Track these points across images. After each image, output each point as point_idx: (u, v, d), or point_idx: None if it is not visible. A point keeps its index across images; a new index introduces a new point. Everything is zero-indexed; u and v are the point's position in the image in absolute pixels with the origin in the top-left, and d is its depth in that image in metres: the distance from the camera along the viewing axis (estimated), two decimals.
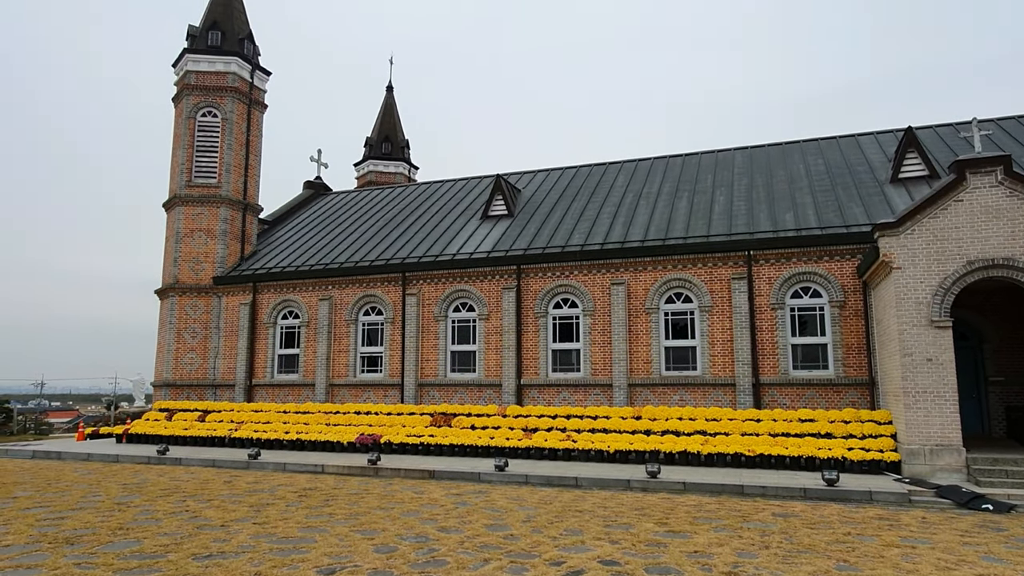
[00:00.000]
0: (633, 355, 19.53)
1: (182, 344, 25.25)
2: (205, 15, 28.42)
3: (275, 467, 15.44)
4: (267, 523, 8.96)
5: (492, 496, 11.35)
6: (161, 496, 11.33)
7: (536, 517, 9.38)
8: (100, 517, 9.44)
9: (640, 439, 15.72)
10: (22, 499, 11.07)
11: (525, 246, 21.63)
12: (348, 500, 10.86)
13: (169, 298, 25.66)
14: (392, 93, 40.41)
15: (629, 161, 26.84)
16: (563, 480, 12.99)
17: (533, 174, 28.13)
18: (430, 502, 10.68)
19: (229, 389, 24.83)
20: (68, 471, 15.16)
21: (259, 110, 28.50)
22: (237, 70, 27.32)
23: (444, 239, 23.85)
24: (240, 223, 26.85)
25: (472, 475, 13.63)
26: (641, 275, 19.83)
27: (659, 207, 22.11)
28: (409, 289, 22.54)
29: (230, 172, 26.65)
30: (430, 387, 21.85)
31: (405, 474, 14.11)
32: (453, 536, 8.09)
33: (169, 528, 8.66)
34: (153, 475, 14.29)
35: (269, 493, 11.64)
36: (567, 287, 20.65)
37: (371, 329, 23.37)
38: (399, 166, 38.61)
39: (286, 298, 24.60)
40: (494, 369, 21.07)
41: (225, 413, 21.59)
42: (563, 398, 20.07)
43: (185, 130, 26.77)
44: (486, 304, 21.51)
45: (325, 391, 23.14)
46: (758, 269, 18.61)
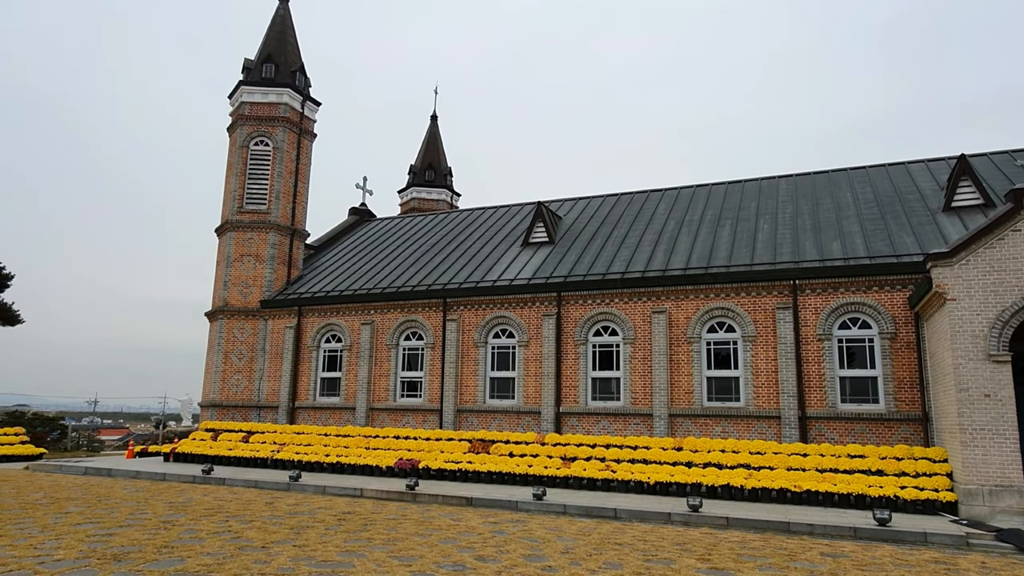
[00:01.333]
0: (674, 385, 19.23)
1: (229, 366, 25.88)
2: (260, 49, 29.59)
3: (315, 490, 15.59)
4: (307, 546, 9.04)
5: (530, 526, 11.24)
6: (205, 516, 11.54)
7: (574, 549, 9.25)
8: (147, 535, 9.66)
9: (681, 471, 15.40)
10: (74, 514, 11.42)
11: (566, 273, 21.64)
12: (386, 525, 10.88)
13: (218, 320, 26.39)
14: (436, 122, 41.22)
15: (671, 189, 26.73)
16: (602, 511, 12.78)
17: (574, 201, 28.23)
18: (467, 530, 10.63)
19: (273, 411, 25.28)
20: (117, 488, 15.59)
21: (308, 139, 29.39)
22: (289, 101, 28.29)
23: (485, 265, 24.03)
24: (287, 248, 27.56)
25: (510, 503, 13.52)
26: (683, 303, 19.60)
27: (701, 235, 21.90)
28: (450, 315, 22.72)
29: (279, 199, 27.46)
30: (469, 413, 21.87)
31: (443, 500, 14.08)
32: (490, 566, 8.02)
33: (212, 548, 8.81)
34: (198, 494, 14.58)
35: (309, 516, 11.75)
36: (608, 315, 20.53)
37: (411, 354, 23.58)
38: (442, 193, 39.21)
39: (329, 322, 25.05)
40: (533, 396, 20.99)
41: (268, 434, 21.96)
42: (602, 427, 19.84)
43: (238, 158, 27.76)
44: (526, 331, 21.52)
45: (365, 415, 23.37)
46: (804, 299, 18.21)
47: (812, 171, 24.96)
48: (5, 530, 9.81)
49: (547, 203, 27.45)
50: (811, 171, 25.00)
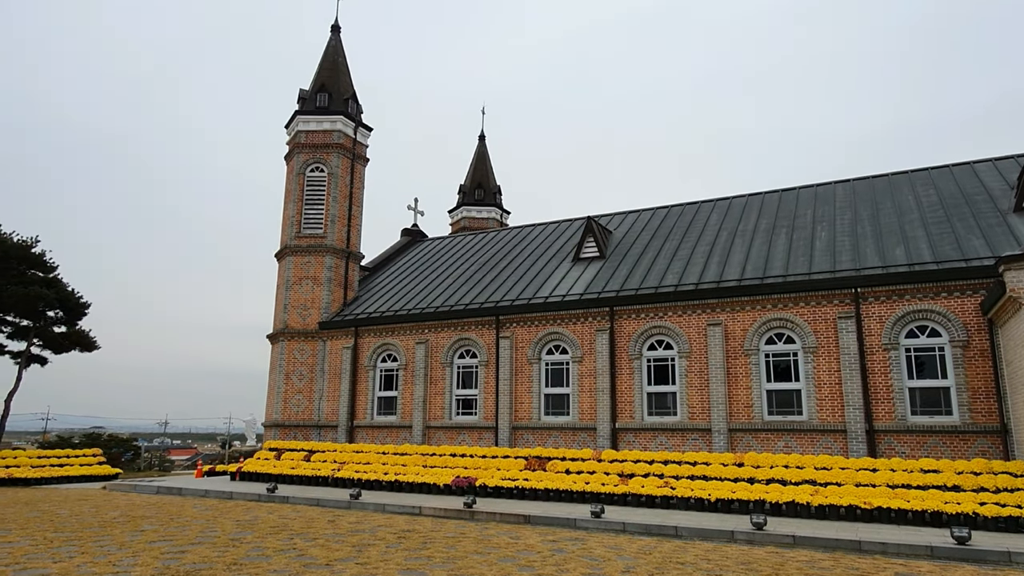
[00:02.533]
0: (732, 398, 18.82)
1: (290, 386, 26.61)
2: (314, 79, 30.63)
3: (375, 507, 15.81)
4: (368, 564, 9.18)
5: (589, 544, 11.13)
6: (271, 533, 11.85)
7: (635, 568, 9.11)
8: (216, 552, 9.98)
9: (743, 487, 15.00)
10: (148, 532, 11.89)
11: (617, 287, 21.51)
12: (445, 543, 10.95)
13: (279, 343, 27.19)
14: (484, 142, 41.74)
15: (722, 199, 26.32)
16: (662, 529, 12.55)
17: (624, 215, 28.09)
18: (526, 548, 10.60)
19: (332, 430, 25.82)
20: (188, 507, 16.16)
21: (361, 164, 30.18)
22: (342, 128, 29.15)
23: (536, 282, 24.10)
24: (343, 270, 28.27)
25: (568, 521, 13.42)
26: (739, 315, 19.21)
27: (756, 245, 21.47)
28: (503, 332, 22.84)
29: (335, 223, 28.23)
30: (524, 430, 21.86)
31: (500, 518, 14.08)
32: None
33: (278, 565, 9.03)
34: (263, 512, 14.98)
35: (370, 534, 11.93)
36: (661, 328, 20.29)
37: (466, 372, 23.77)
38: (491, 211, 39.59)
39: (385, 342, 25.50)
40: (588, 412, 20.85)
41: (328, 453, 22.41)
42: (659, 443, 19.54)
43: (295, 185, 28.71)
44: (579, 346, 21.45)
45: (422, 433, 23.63)
46: (867, 307, 17.61)
47: (870, 175, 24.20)
48: (86, 547, 10.29)
49: (597, 218, 27.40)
50: (869, 175, 24.25)
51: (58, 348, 31.71)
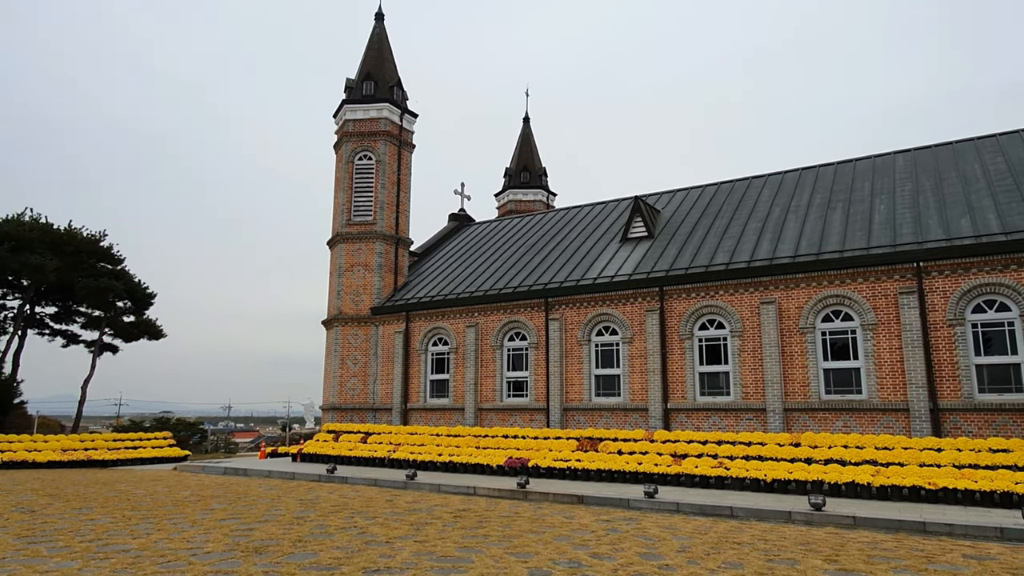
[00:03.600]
0: (788, 378, 18.46)
1: (345, 370, 27.30)
2: (360, 68, 30.99)
3: (431, 488, 16.18)
4: (427, 541, 9.44)
5: (643, 524, 11.17)
6: (332, 512, 12.28)
7: (691, 548, 9.12)
8: (282, 529, 10.41)
9: (800, 468, 14.75)
10: (218, 511, 12.47)
11: (667, 267, 21.26)
12: (500, 522, 11.15)
13: (333, 328, 27.89)
14: (529, 124, 41.57)
15: (774, 174, 25.63)
16: (717, 509, 12.48)
17: (672, 194, 27.66)
18: (580, 527, 10.71)
19: (387, 412, 26.43)
20: (253, 487, 16.85)
21: (408, 150, 30.48)
22: (388, 115, 29.47)
23: (585, 263, 24.02)
24: (393, 256, 28.72)
25: (621, 501, 13.48)
26: (793, 293, 18.77)
27: (810, 220, 20.87)
28: (552, 314, 22.89)
29: (383, 209, 28.66)
30: (575, 411, 21.94)
31: (553, 498, 14.23)
32: (606, 563, 8.07)
33: (341, 542, 9.37)
34: (324, 492, 15.51)
35: (427, 512, 12.24)
36: (713, 307, 20.00)
37: (516, 354, 23.95)
38: (537, 194, 39.51)
39: (436, 326, 25.87)
40: (639, 393, 20.77)
41: (384, 435, 22.98)
42: (712, 423, 19.34)
43: (344, 174, 29.22)
44: (629, 327, 21.34)
45: (474, 415, 23.96)
46: (930, 282, 16.97)
47: (932, 144, 23.17)
48: (162, 524, 10.88)
49: (644, 197, 27.05)
50: (931, 144, 23.21)
51: (128, 337, 33.31)
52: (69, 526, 10.71)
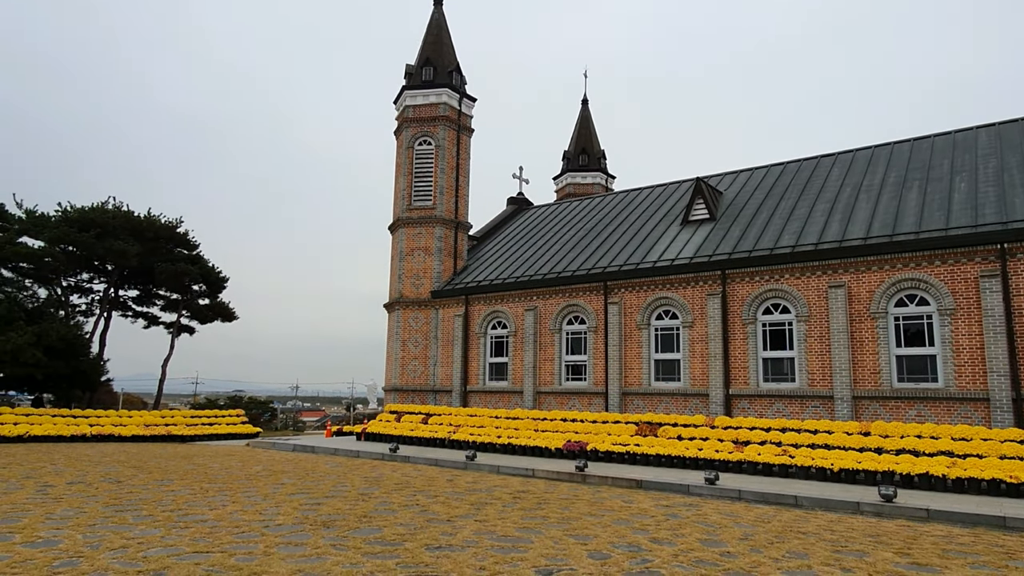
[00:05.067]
0: (857, 364, 17.83)
1: (407, 353, 27.89)
2: (419, 53, 31.26)
3: (490, 469, 16.42)
4: (487, 521, 9.61)
5: (704, 510, 11.06)
6: (395, 490, 12.64)
7: (754, 535, 8.98)
8: (348, 505, 10.79)
9: (869, 457, 14.26)
10: (287, 485, 13.02)
11: (730, 250, 20.77)
12: (559, 505, 11.24)
13: (395, 311, 28.49)
14: (587, 106, 41.09)
15: (844, 152, 24.59)
16: (780, 498, 12.23)
17: (735, 175, 26.92)
18: (639, 512, 10.69)
19: (447, 394, 26.89)
20: (320, 463, 17.49)
21: (467, 134, 30.64)
22: (447, 100, 29.67)
23: (644, 246, 23.71)
24: (452, 240, 29.05)
25: (680, 487, 13.36)
26: (864, 276, 18.06)
27: (884, 200, 19.98)
28: (611, 298, 22.73)
29: (443, 194, 28.97)
30: (634, 396, 21.81)
31: (612, 482, 14.23)
32: (666, 548, 8.04)
33: (403, 519, 9.65)
34: (387, 470, 15.96)
35: (486, 493, 12.44)
36: (777, 291, 19.45)
37: (575, 338, 23.93)
38: (596, 176, 39.11)
39: (494, 309, 26.08)
40: (700, 378, 20.46)
41: (444, 416, 23.41)
42: (776, 410, 18.90)
43: (405, 159, 29.65)
44: (690, 311, 21.00)
45: (532, 398, 24.12)
46: (1015, 264, 16.04)
47: (1021, 117, 21.72)
48: (236, 497, 11.43)
49: (706, 178, 26.43)
50: (1019, 117, 21.77)
51: (203, 319, 34.95)
52: (152, 496, 11.39)
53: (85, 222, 29.64)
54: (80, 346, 28.42)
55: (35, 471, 14.54)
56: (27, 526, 8.60)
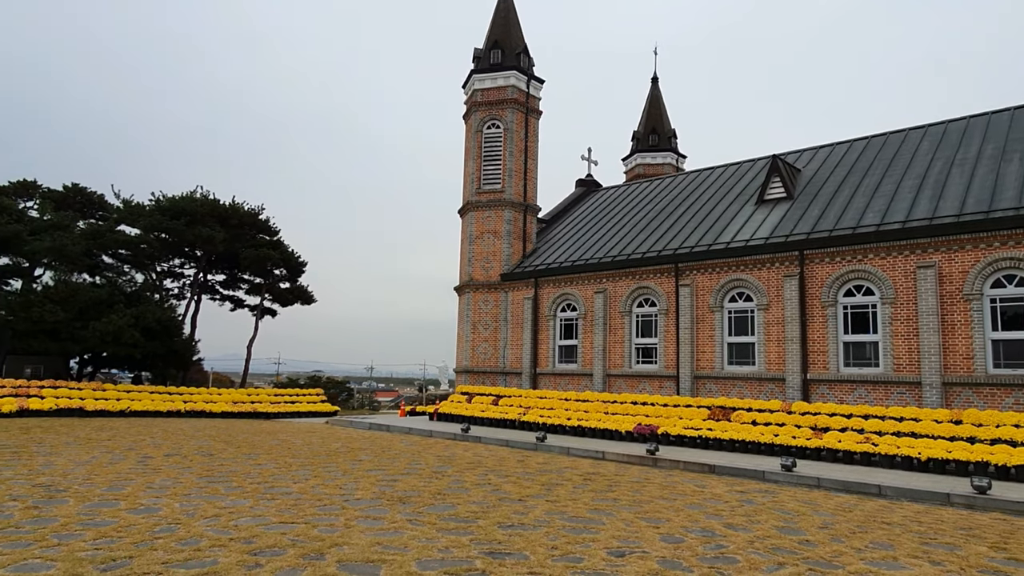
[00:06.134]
0: (948, 349, 16.89)
1: (477, 335, 28.28)
2: (487, 36, 31.28)
3: (560, 450, 16.53)
4: (558, 501, 9.71)
5: (780, 497, 10.80)
6: (467, 468, 12.92)
7: (834, 524, 8.72)
8: (423, 482, 11.12)
9: (961, 447, 13.54)
10: (365, 462, 13.52)
11: (808, 230, 19.98)
12: (630, 487, 11.23)
13: (465, 294, 28.90)
14: (657, 84, 40.16)
15: (935, 124, 23.12)
16: (863, 487, 11.80)
17: (814, 151, 25.78)
18: (713, 497, 10.55)
19: (517, 376, 27.14)
20: (396, 442, 18.05)
21: (535, 117, 30.54)
22: (515, 82, 29.62)
23: (717, 227, 23.10)
24: (521, 223, 29.12)
25: (755, 473, 13.08)
26: (956, 256, 17.03)
27: (979, 174, 18.71)
28: (682, 280, 22.31)
29: (511, 177, 29.04)
30: (706, 379, 21.41)
31: (684, 466, 14.08)
32: (741, 534, 7.92)
33: (476, 497, 9.87)
34: (459, 450, 16.32)
35: (557, 474, 12.55)
36: (860, 273, 18.60)
37: (645, 321, 23.65)
38: (666, 157, 38.28)
39: (564, 292, 26.06)
40: (775, 362, 19.87)
41: (514, 398, 23.67)
42: (858, 396, 18.16)
43: (474, 143, 29.85)
44: (765, 293, 20.37)
45: (602, 381, 24.04)
46: None
47: None
48: (317, 472, 11.97)
49: (782, 155, 25.43)
50: None
51: (284, 302, 36.50)
52: (241, 469, 12.06)
53: (176, 210, 31.36)
54: (174, 327, 30.22)
55: (136, 443, 15.64)
56: (130, 494, 9.29)
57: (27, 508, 8.13)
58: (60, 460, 12.44)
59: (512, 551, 6.75)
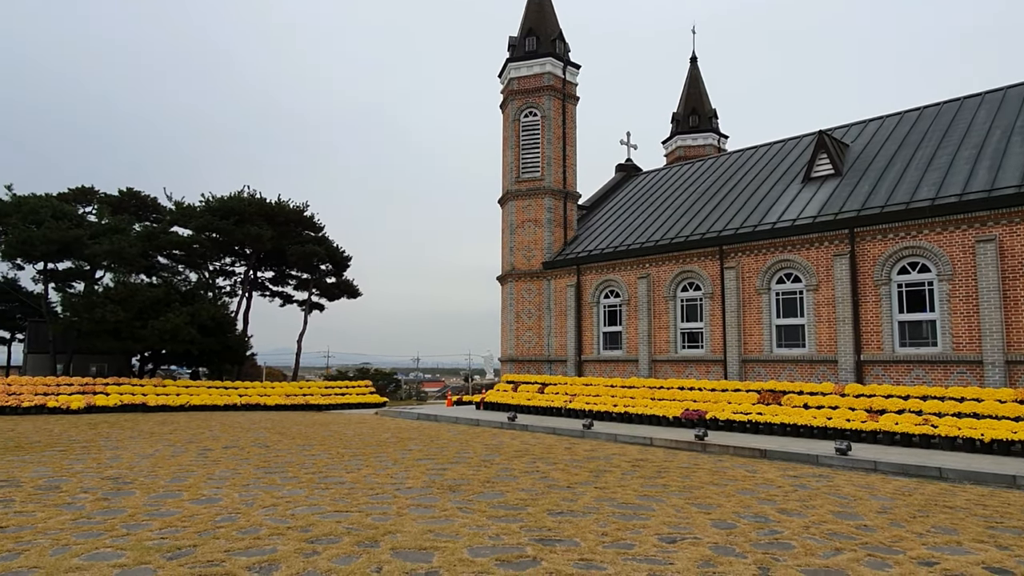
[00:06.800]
0: (1011, 326, 16.21)
1: (521, 324, 28.36)
2: (522, 24, 31.12)
3: (607, 437, 16.49)
4: (606, 488, 9.70)
5: (835, 481, 10.57)
6: (515, 457, 13.01)
7: (893, 509, 8.50)
8: (471, 471, 11.25)
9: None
10: (414, 451, 13.74)
11: (858, 206, 19.37)
12: (680, 473, 11.14)
13: (508, 284, 28.98)
14: (696, 64, 39.36)
15: (993, 91, 22.08)
16: (922, 470, 11.45)
17: (863, 124, 24.92)
18: (765, 482, 10.39)
19: (561, 364, 27.14)
20: (443, 431, 18.28)
21: (572, 103, 30.29)
22: (551, 69, 29.41)
23: (762, 207, 22.59)
24: (562, 211, 29.00)
25: (809, 457, 12.83)
26: (1018, 228, 16.32)
27: None
28: (727, 262, 21.92)
29: (551, 165, 28.92)
30: (754, 363, 21.03)
31: (734, 452, 13.89)
32: (796, 520, 7.79)
33: (525, 485, 9.94)
34: (506, 438, 16.44)
35: (605, 461, 12.54)
36: (915, 249, 17.97)
37: (690, 305, 23.34)
38: (707, 137, 37.54)
39: (607, 278, 25.89)
40: (827, 344, 19.38)
41: (560, 386, 23.69)
42: (915, 376, 17.59)
43: (511, 132, 29.80)
44: (814, 273, 19.86)
45: (648, 366, 23.85)
46: None
47: None
48: (369, 461, 12.22)
49: (829, 131, 24.66)
50: None
51: (331, 296, 37.24)
52: (295, 459, 12.40)
53: (225, 210, 32.23)
54: (228, 324, 31.16)
55: (196, 436, 16.23)
56: (192, 485, 9.66)
57: (97, 500, 8.53)
58: (126, 453, 13.00)
59: (562, 538, 6.79)
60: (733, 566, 5.86)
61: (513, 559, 5.99)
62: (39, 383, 24.86)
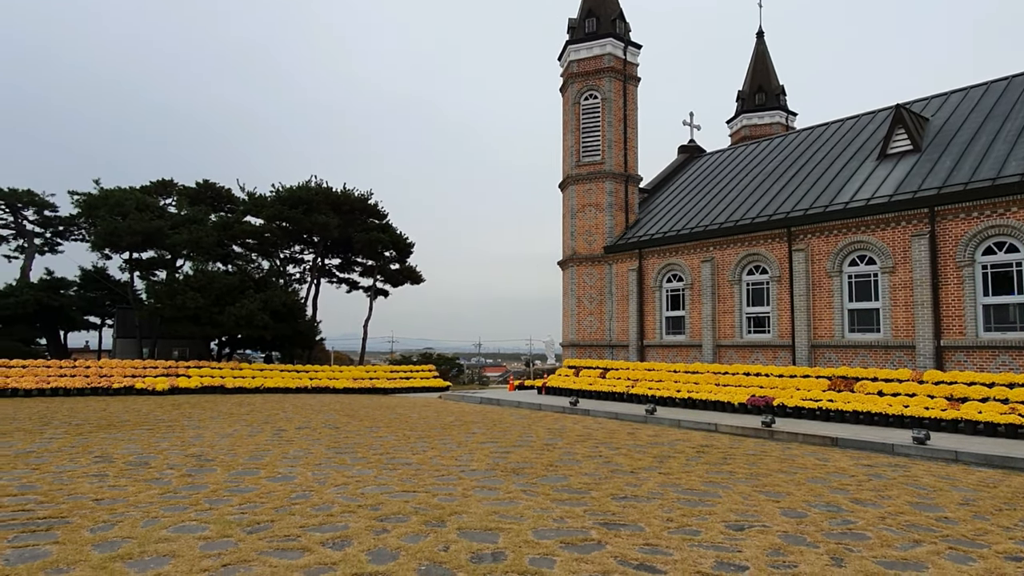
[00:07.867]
0: None
1: (582, 309, 28.27)
2: (581, 5, 30.72)
3: (670, 423, 16.32)
4: (671, 474, 9.63)
5: (913, 471, 10.16)
6: (578, 441, 13.05)
7: (976, 501, 8.12)
8: (534, 454, 11.35)
9: None
10: (478, 435, 13.95)
11: (939, 184, 18.38)
12: (746, 460, 10.94)
13: (569, 268, 28.90)
14: (763, 39, 37.98)
15: None
16: (1009, 461, 10.87)
17: (944, 97, 23.55)
18: (836, 471, 10.09)
19: (623, 349, 26.94)
20: (506, 415, 18.48)
21: (633, 84, 29.77)
22: (612, 50, 28.96)
23: (833, 187, 21.71)
24: (623, 194, 28.65)
25: (883, 446, 12.36)
26: None
27: None
28: (795, 244, 21.21)
29: (611, 148, 28.56)
30: (825, 348, 20.35)
31: (803, 439, 13.52)
32: (870, 510, 7.55)
33: (588, 469, 9.97)
34: (569, 423, 16.49)
35: (668, 447, 12.42)
36: (1002, 228, 16.95)
37: (756, 289, 22.74)
38: (774, 116, 36.26)
39: (669, 262, 25.48)
40: (903, 329, 18.56)
41: (622, 371, 23.54)
42: (1002, 363, 16.66)
43: (572, 116, 29.56)
44: (890, 255, 19.01)
45: (712, 351, 23.42)
46: None
47: None
48: (434, 444, 12.50)
49: (907, 104, 23.41)
50: None
51: (395, 282, 38.04)
52: (364, 441, 12.80)
53: (294, 200, 33.29)
54: (298, 310, 32.29)
55: (270, 417, 16.94)
56: (268, 464, 10.11)
57: (182, 476, 9.06)
58: (207, 433, 13.71)
59: (627, 522, 6.79)
60: (804, 556, 5.74)
61: (578, 542, 6.05)
62: (127, 366, 26.44)
